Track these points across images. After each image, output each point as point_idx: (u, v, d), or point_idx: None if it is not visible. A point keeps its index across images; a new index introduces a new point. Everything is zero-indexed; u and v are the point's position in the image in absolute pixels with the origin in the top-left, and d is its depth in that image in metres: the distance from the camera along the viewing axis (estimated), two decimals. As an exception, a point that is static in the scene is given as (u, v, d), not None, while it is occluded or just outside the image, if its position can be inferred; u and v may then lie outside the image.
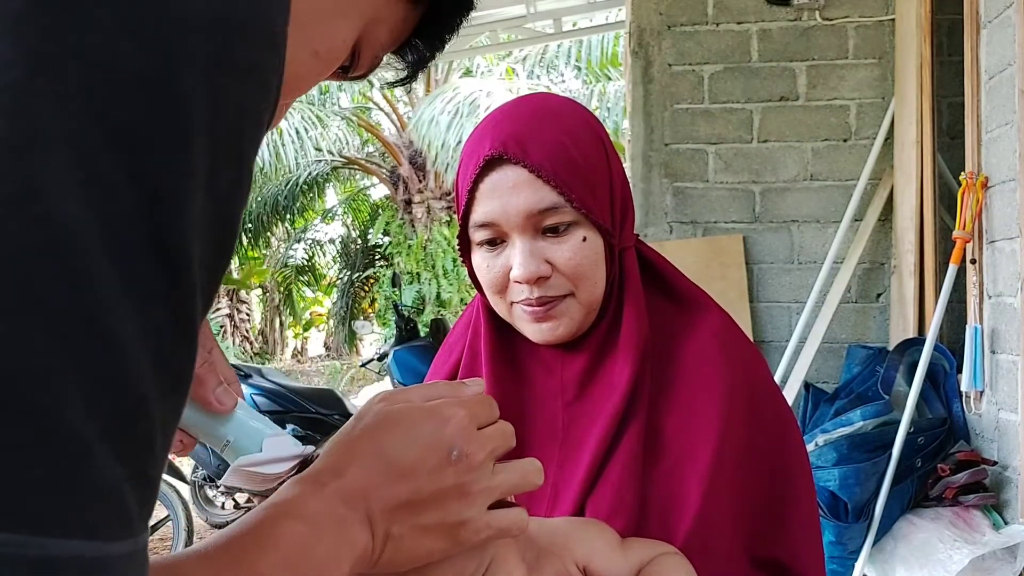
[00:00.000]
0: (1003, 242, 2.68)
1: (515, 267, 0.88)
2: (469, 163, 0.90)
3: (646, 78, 3.57)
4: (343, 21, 0.58)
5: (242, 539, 0.52)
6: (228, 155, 0.35)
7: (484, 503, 0.59)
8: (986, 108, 2.79)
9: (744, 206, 3.55)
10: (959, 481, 2.68)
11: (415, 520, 0.57)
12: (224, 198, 0.35)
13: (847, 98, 3.52)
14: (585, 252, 0.89)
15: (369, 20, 0.60)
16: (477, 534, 0.59)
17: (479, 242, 0.91)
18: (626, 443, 0.86)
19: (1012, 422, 2.60)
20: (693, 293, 0.96)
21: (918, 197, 3.26)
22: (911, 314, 3.27)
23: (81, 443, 0.30)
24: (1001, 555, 2.39)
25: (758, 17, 3.54)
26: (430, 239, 11.57)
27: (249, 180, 0.38)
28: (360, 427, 0.60)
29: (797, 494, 0.90)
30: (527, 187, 0.86)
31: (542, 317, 0.89)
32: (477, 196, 0.89)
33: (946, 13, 3.34)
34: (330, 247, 15.25)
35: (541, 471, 0.63)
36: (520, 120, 0.89)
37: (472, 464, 0.58)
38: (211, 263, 0.35)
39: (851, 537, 2.69)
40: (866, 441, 2.76)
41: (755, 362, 0.94)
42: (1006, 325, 2.66)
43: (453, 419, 0.59)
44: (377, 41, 0.62)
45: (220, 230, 0.36)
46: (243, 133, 0.36)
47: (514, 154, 0.86)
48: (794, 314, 3.51)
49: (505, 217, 0.87)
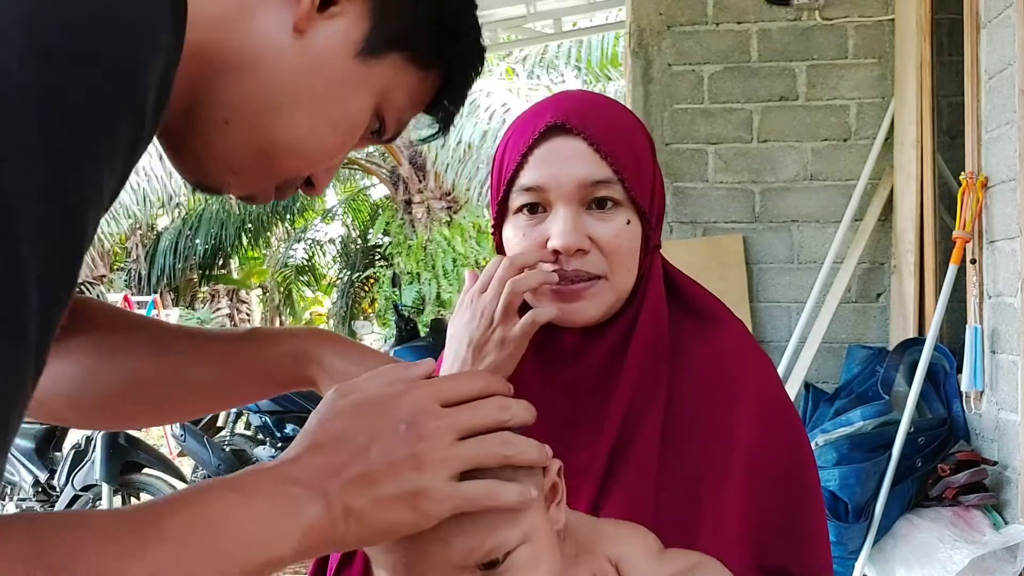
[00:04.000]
0: (1003, 242, 2.67)
1: (555, 236, 0.87)
2: (524, 130, 0.90)
3: (646, 78, 3.57)
4: (356, 93, 0.65)
5: (162, 501, 0.54)
6: (65, 128, 0.41)
7: (443, 473, 0.59)
8: (986, 108, 2.78)
9: (744, 206, 3.55)
10: (959, 481, 2.68)
11: (372, 492, 0.58)
12: (62, 163, 0.42)
13: (847, 98, 3.51)
14: (628, 235, 0.89)
15: (382, 89, 0.67)
16: (440, 503, 0.59)
17: (519, 207, 0.90)
18: (640, 445, 0.86)
19: (1012, 422, 2.60)
20: (712, 306, 0.96)
21: (918, 197, 3.26)
22: (911, 314, 3.27)
23: None
24: (1001, 555, 2.39)
25: (758, 17, 3.53)
26: (430, 239, 11.56)
27: (100, 154, 0.44)
28: (316, 417, 0.62)
29: (807, 504, 0.90)
30: (583, 158, 0.88)
31: (571, 296, 0.88)
32: (529, 161, 0.89)
33: (946, 13, 3.34)
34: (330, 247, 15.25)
35: (512, 443, 0.62)
36: (582, 99, 0.92)
37: (422, 434, 0.59)
38: (45, 213, 0.41)
39: (851, 537, 2.69)
40: (866, 441, 2.76)
41: (769, 374, 0.95)
42: (1006, 325, 2.65)
43: (403, 396, 0.61)
44: (397, 106, 0.69)
45: (52, 188, 0.42)
46: (84, 109, 0.42)
47: (575, 124, 0.88)
48: (794, 314, 3.50)
49: (556, 183, 0.88)
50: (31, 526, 0.47)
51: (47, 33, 0.41)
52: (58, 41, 0.41)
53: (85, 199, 0.44)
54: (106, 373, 0.78)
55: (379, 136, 0.71)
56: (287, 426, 4.86)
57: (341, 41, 0.63)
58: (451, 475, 0.60)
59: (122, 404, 0.80)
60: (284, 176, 0.68)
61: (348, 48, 0.64)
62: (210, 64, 0.60)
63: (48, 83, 0.41)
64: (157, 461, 4.27)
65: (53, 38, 0.41)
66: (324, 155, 0.68)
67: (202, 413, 0.86)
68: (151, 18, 0.47)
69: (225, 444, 4.99)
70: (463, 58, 0.71)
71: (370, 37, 0.64)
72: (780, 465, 0.89)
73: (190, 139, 0.64)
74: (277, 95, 0.63)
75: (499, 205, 0.92)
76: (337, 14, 0.63)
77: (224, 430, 5.26)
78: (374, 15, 0.64)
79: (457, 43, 0.69)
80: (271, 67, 0.62)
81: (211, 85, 0.61)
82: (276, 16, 0.62)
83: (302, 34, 0.62)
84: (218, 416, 5.35)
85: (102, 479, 4.04)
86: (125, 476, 4.15)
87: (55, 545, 0.47)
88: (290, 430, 4.85)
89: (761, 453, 0.88)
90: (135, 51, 0.45)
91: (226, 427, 5.25)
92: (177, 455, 5.74)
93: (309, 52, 0.62)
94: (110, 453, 4.05)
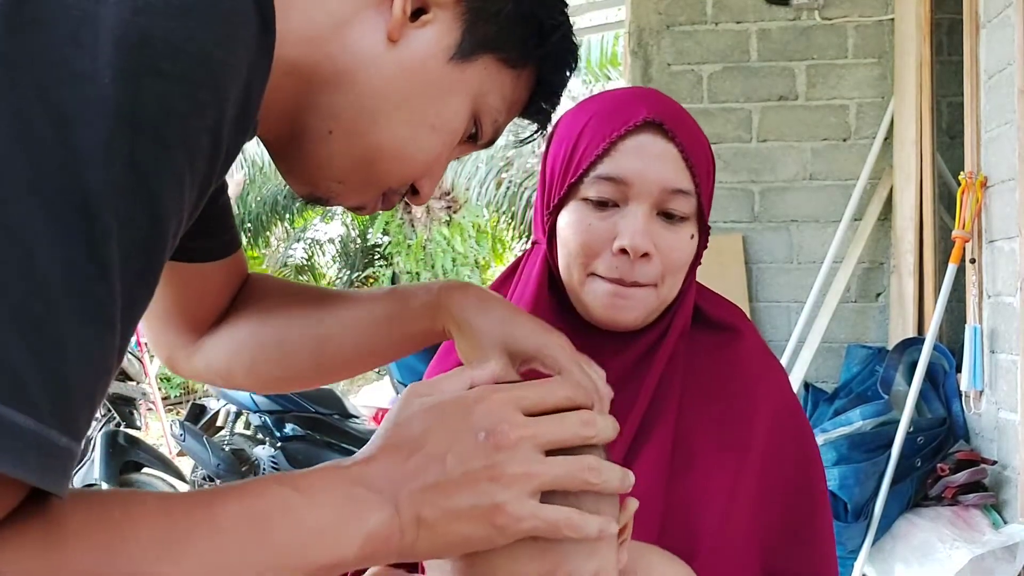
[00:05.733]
0: (1002, 241, 2.67)
1: (627, 235, 0.84)
2: (612, 118, 0.86)
3: (645, 78, 3.57)
4: (452, 97, 0.67)
5: (223, 489, 0.54)
6: (148, 136, 0.45)
7: (523, 489, 0.57)
8: (985, 108, 2.78)
9: (743, 205, 3.55)
10: (958, 480, 2.68)
11: (446, 503, 0.56)
12: (145, 170, 0.45)
13: (846, 97, 3.51)
14: (688, 249, 0.88)
15: (477, 92, 0.69)
16: (518, 522, 0.57)
17: (591, 198, 0.86)
18: (653, 450, 0.86)
19: (1011, 421, 2.60)
20: (729, 313, 0.96)
21: (917, 196, 3.25)
22: (910, 314, 3.27)
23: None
24: (1000, 554, 2.39)
25: (757, 16, 3.53)
26: (430, 239, 11.56)
27: (180, 164, 0.47)
28: (391, 418, 0.61)
29: (815, 511, 0.90)
30: (672, 162, 0.85)
31: (624, 294, 0.86)
32: (615, 151, 0.85)
33: (945, 12, 3.34)
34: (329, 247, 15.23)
35: (598, 470, 0.59)
36: (670, 101, 0.90)
37: (501, 444, 0.57)
38: (129, 216, 0.45)
39: (850, 536, 2.69)
40: (865, 441, 2.76)
41: (783, 382, 0.95)
42: (1005, 324, 2.65)
43: (482, 401, 0.60)
44: (492, 108, 0.71)
45: (136, 193, 0.45)
46: (167, 125, 0.46)
47: (671, 127, 0.85)
48: (793, 314, 3.50)
49: (640, 179, 0.84)
50: (88, 504, 0.49)
51: (137, 53, 0.45)
52: (147, 60, 0.45)
53: (166, 207, 0.47)
54: (267, 343, 0.85)
55: (476, 140, 0.73)
56: (287, 426, 4.86)
57: (434, 47, 0.65)
58: (531, 492, 0.57)
59: (281, 370, 0.86)
60: (388, 184, 0.70)
61: (441, 54, 0.65)
62: (308, 80, 0.63)
63: (135, 98, 0.44)
64: (157, 460, 4.27)
65: (143, 58, 0.45)
66: (425, 161, 0.69)
67: (357, 372, 0.89)
68: (235, 41, 0.49)
69: (225, 444, 4.99)
70: (555, 57, 0.72)
71: (462, 41, 0.66)
72: (792, 472, 0.89)
73: (296, 152, 0.67)
74: (375, 104, 0.64)
75: (566, 188, 0.88)
76: (428, 21, 0.65)
77: (223, 430, 5.26)
78: (464, 20, 0.66)
79: (547, 42, 0.70)
80: (368, 78, 0.64)
81: (312, 100, 0.64)
82: (369, 28, 0.63)
83: (395, 43, 0.64)
84: (217, 415, 5.34)
85: (102, 478, 4.04)
86: (124, 475, 4.15)
87: (107, 526, 0.48)
88: (290, 430, 4.85)
89: (774, 459, 0.88)
90: (217, 72, 0.48)
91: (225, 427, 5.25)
92: (176, 455, 5.73)
93: (403, 60, 0.64)
94: (110, 452, 4.05)
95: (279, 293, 0.88)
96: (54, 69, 0.43)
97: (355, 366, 0.87)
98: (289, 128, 0.65)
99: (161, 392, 7.76)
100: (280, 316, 0.86)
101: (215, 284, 0.85)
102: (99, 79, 0.43)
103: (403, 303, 0.82)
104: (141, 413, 5.23)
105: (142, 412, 5.45)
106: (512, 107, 0.73)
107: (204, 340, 0.87)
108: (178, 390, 10.14)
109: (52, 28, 0.43)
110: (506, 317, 0.76)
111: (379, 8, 0.63)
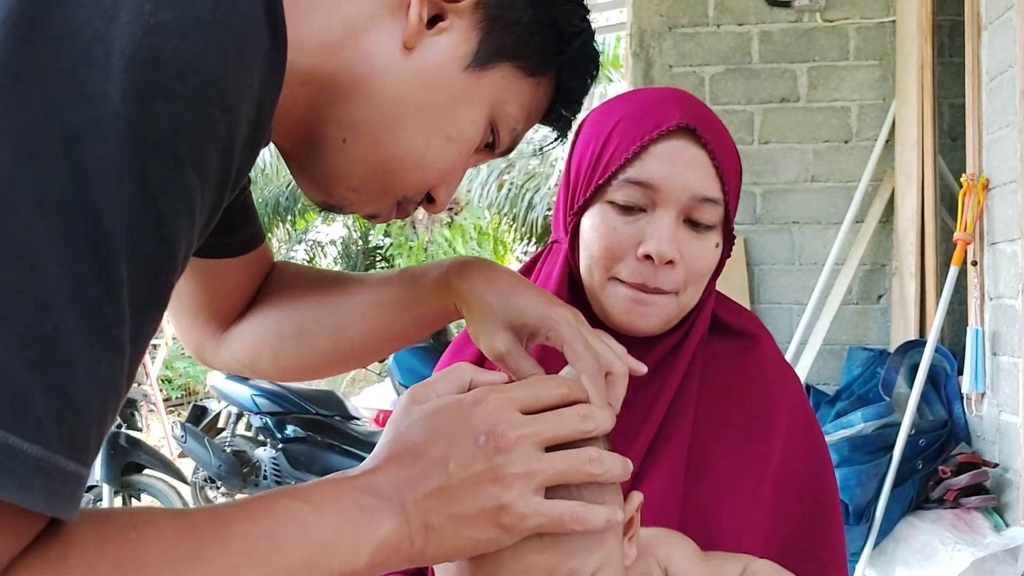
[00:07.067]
0: (1004, 244, 2.67)
1: (654, 241, 0.83)
2: (643, 121, 0.85)
3: (647, 80, 3.57)
4: (468, 106, 0.66)
5: (232, 505, 0.54)
6: (159, 156, 0.45)
7: (526, 487, 0.57)
8: (987, 110, 2.78)
9: (745, 207, 3.55)
10: (960, 483, 2.68)
11: (451, 509, 0.57)
12: (155, 191, 0.45)
13: (848, 99, 3.51)
14: (712, 258, 0.87)
15: (494, 100, 0.68)
16: (524, 520, 0.57)
17: (617, 201, 0.85)
18: (669, 457, 0.85)
19: (1013, 424, 2.60)
20: (747, 323, 0.96)
21: (919, 199, 3.25)
22: (912, 316, 3.27)
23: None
24: (1002, 557, 2.39)
25: (759, 18, 3.53)
26: (431, 240, 11.57)
27: (191, 185, 0.47)
28: (392, 426, 0.61)
29: (827, 516, 0.90)
30: (703, 169, 0.84)
31: (645, 300, 0.85)
32: (646, 155, 0.83)
33: (947, 14, 3.34)
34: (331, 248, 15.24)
35: (599, 461, 0.59)
36: (703, 107, 0.88)
37: (501, 445, 0.57)
38: (138, 236, 0.44)
39: (852, 539, 2.69)
40: (867, 443, 2.76)
41: (799, 391, 0.94)
42: (1007, 327, 2.65)
43: (480, 404, 0.59)
44: (510, 117, 0.70)
45: (145, 214, 0.45)
46: (177, 145, 0.45)
47: (704, 134, 0.84)
48: (795, 315, 3.50)
49: (669, 185, 0.83)
50: (100, 524, 0.49)
51: (148, 72, 0.44)
52: (158, 80, 0.45)
53: (176, 227, 0.47)
54: (287, 334, 0.86)
55: (493, 149, 0.72)
56: (288, 427, 4.86)
57: (450, 55, 0.64)
58: (534, 489, 0.57)
59: (303, 360, 0.86)
60: (404, 192, 0.69)
61: (457, 62, 0.64)
62: (323, 89, 0.62)
63: (145, 118, 0.44)
64: (158, 462, 4.26)
65: (154, 78, 0.45)
66: (441, 169, 0.68)
67: (379, 356, 0.89)
68: (247, 60, 0.49)
69: (226, 445, 4.99)
70: (576, 64, 0.71)
71: (479, 50, 0.65)
72: (806, 482, 0.89)
73: (312, 160, 0.67)
74: (391, 112, 0.64)
75: (592, 190, 0.86)
76: (445, 29, 0.64)
77: (225, 431, 5.26)
78: (482, 28, 0.65)
79: (567, 49, 0.69)
80: (383, 86, 0.63)
81: (327, 108, 0.63)
82: (385, 36, 0.63)
83: (411, 51, 0.63)
84: (219, 417, 5.35)
85: (103, 480, 4.04)
86: (126, 477, 4.15)
87: (118, 545, 0.48)
88: (290, 431, 4.85)
89: (790, 469, 0.87)
90: (228, 92, 0.48)
91: (227, 428, 5.25)
92: (178, 456, 5.74)
93: (419, 68, 0.63)
94: (111, 454, 4.05)
95: (298, 282, 0.88)
96: (65, 88, 0.43)
97: (375, 351, 0.87)
98: (304, 136, 0.65)
99: (162, 393, 7.76)
100: (299, 306, 0.86)
101: (240, 279, 0.86)
102: (110, 99, 0.43)
103: (415, 285, 0.81)
104: (142, 414, 5.23)
105: (143, 413, 5.46)
106: (531, 115, 0.72)
107: (230, 332, 0.88)
108: (179, 391, 10.15)
109: (63, 47, 0.43)
110: (511, 290, 0.75)
111: (395, 16, 0.63)
